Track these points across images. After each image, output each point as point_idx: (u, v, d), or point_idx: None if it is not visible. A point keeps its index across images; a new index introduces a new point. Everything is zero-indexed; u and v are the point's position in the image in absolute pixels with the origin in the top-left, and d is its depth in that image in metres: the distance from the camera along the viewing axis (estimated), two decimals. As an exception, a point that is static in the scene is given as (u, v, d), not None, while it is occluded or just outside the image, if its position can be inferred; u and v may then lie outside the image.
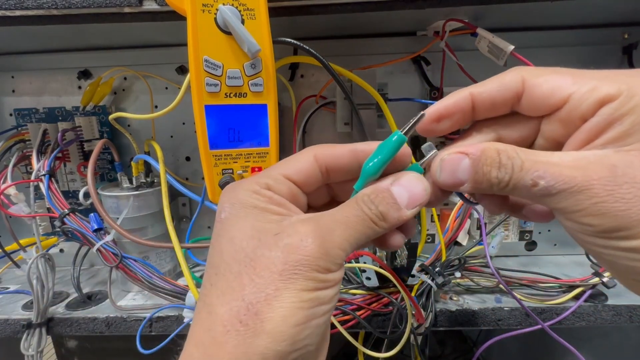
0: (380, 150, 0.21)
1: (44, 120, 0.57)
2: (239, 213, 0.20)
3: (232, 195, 0.20)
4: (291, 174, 0.21)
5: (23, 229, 0.54)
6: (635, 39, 0.52)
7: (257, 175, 0.21)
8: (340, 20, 0.46)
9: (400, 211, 0.20)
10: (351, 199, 0.20)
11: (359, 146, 0.22)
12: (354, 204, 0.20)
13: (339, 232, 0.19)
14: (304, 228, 0.18)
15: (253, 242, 0.18)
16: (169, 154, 0.59)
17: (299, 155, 0.22)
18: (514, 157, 0.18)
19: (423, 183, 0.20)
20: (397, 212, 0.20)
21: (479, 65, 0.49)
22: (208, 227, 0.62)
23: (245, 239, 0.19)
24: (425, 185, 0.20)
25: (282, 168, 0.21)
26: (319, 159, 0.21)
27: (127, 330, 0.45)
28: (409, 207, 0.20)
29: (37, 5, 0.36)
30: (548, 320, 0.43)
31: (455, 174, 0.19)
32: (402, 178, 0.20)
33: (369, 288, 0.44)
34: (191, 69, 0.31)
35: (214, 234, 0.21)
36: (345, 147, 0.22)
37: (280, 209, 0.20)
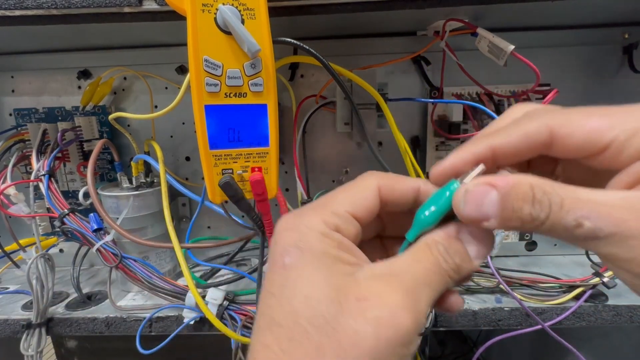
0: (436, 200, 0.19)
1: (44, 120, 0.57)
2: (308, 262, 0.17)
3: (298, 237, 0.18)
4: (357, 211, 0.19)
5: (23, 229, 0.54)
6: (635, 39, 0.52)
7: (321, 207, 0.19)
8: (340, 20, 0.46)
9: (471, 264, 0.18)
10: (424, 248, 0.19)
11: (423, 186, 0.21)
12: (430, 255, 0.18)
13: (424, 296, 0.17)
14: (390, 294, 0.17)
15: (334, 307, 0.16)
16: (168, 154, 0.59)
17: (362, 187, 0.20)
18: (550, 193, 0.16)
19: (490, 234, 0.19)
20: (469, 264, 0.18)
21: (479, 65, 0.49)
22: (208, 227, 0.62)
23: (323, 301, 0.16)
24: (492, 236, 0.19)
25: (347, 203, 0.19)
26: (382, 193, 0.20)
27: (126, 331, 0.45)
28: (476, 259, 0.19)
29: (37, 5, 0.36)
30: (548, 320, 0.43)
31: (481, 208, 0.17)
32: (469, 228, 0.19)
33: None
34: (191, 68, 0.31)
35: (275, 282, 0.18)
36: (408, 183, 0.21)
37: (350, 258, 0.18)
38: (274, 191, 0.36)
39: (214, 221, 0.62)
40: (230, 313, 0.43)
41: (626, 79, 0.54)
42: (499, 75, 0.53)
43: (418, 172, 0.49)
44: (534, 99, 0.52)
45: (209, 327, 0.44)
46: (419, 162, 0.55)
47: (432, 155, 0.56)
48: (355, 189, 0.20)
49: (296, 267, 0.17)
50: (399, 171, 0.47)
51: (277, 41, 0.34)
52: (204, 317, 0.42)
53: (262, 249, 0.38)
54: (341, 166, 0.59)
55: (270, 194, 0.35)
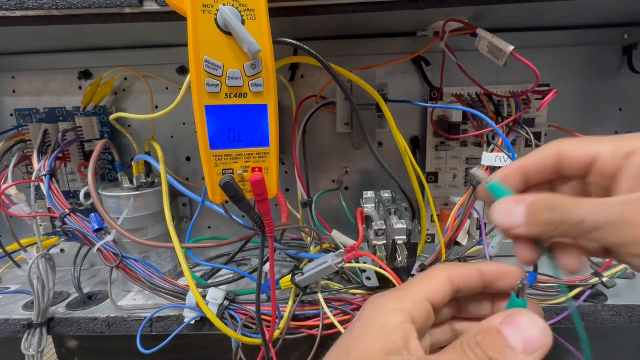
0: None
1: (45, 121, 0.57)
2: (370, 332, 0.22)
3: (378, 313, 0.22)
4: (431, 297, 0.23)
5: (23, 229, 0.54)
6: (635, 39, 0.52)
7: (402, 294, 0.23)
8: (340, 21, 0.46)
9: (516, 356, 0.18)
10: (457, 342, 0.20)
11: (483, 267, 0.24)
12: (460, 348, 0.19)
13: None
14: None
15: None
16: (169, 154, 0.59)
17: (434, 277, 0.24)
18: (562, 201, 0.20)
19: (539, 324, 0.19)
20: (512, 356, 0.18)
21: (478, 66, 0.49)
22: (208, 227, 0.62)
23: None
24: (542, 326, 0.19)
25: (423, 292, 0.23)
26: (452, 281, 0.23)
27: (127, 330, 0.45)
28: (526, 353, 0.18)
29: (37, 5, 0.36)
30: (548, 320, 0.43)
31: (511, 217, 0.21)
32: (513, 316, 0.20)
33: (369, 288, 0.44)
34: (191, 69, 0.31)
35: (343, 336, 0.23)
36: (472, 267, 0.24)
37: (400, 345, 0.21)
38: (274, 191, 0.36)
39: (214, 221, 0.62)
40: (230, 312, 0.43)
41: (625, 79, 0.54)
42: (498, 75, 0.53)
43: (417, 172, 0.49)
44: (533, 99, 0.52)
45: (209, 326, 0.44)
46: (419, 162, 0.55)
47: (432, 155, 0.56)
48: (429, 279, 0.24)
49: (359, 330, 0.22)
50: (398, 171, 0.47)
51: (277, 41, 0.34)
52: (204, 317, 0.43)
53: (262, 249, 0.38)
54: (341, 166, 0.59)
55: (271, 193, 0.35)
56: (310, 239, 0.51)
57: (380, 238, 0.42)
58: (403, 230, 0.39)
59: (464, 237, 0.50)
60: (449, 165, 0.56)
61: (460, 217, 0.47)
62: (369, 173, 0.59)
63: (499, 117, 0.50)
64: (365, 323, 0.22)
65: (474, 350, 0.19)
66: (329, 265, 0.39)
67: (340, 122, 0.52)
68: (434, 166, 0.56)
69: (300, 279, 0.41)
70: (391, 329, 0.21)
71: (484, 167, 0.46)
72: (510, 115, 0.49)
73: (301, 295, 0.44)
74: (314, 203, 0.52)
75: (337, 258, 0.39)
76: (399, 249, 0.40)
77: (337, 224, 0.54)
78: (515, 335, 0.19)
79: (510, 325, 0.19)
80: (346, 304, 0.44)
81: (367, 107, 0.48)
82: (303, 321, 0.43)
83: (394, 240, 0.40)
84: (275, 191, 0.36)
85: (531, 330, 0.19)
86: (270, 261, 0.38)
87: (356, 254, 0.39)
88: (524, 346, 0.18)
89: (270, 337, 0.40)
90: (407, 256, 0.40)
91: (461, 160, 0.56)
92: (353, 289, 0.45)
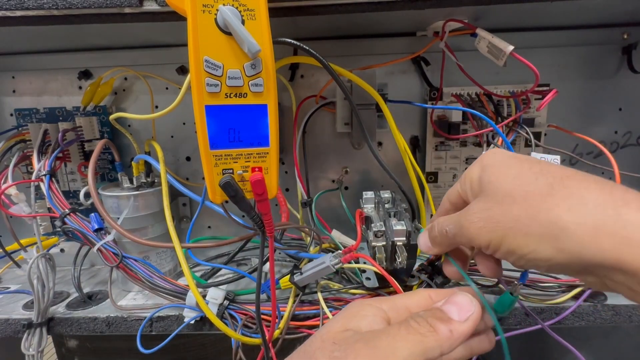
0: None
1: (45, 121, 0.57)
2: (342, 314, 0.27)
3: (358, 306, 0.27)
4: (414, 312, 0.26)
5: (24, 229, 0.54)
6: (634, 39, 0.52)
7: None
8: (340, 21, 0.46)
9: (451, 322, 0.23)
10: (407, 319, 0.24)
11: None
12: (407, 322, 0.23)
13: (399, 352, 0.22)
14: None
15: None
16: (169, 154, 0.59)
17: (418, 296, 0.28)
18: (440, 221, 0.28)
19: (468, 296, 0.25)
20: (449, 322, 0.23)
21: (478, 66, 0.49)
22: (208, 227, 0.62)
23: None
24: (472, 299, 0.25)
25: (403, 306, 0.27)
26: (433, 299, 0.28)
27: (127, 330, 0.45)
28: (460, 319, 0.24)
29: (37, 5, 0.36)
30: (548, 320, 0.43)
31: (424, 243, 0.31)
32: (451, 297, 0.26)
33: (369, 288, 0.44)
34: (191, 69, 0.31)
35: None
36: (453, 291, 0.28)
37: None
38: (274, 191, 0.36)
39: (214, 221, 0.62)
40: (230, 312, 0.43)
41: (625, 79, 0.54)
42: (498, 75, 0.53)
43: (417, 172, 0.49)
44: (533, 99, 0.52)
45: (209, 326, 0.44)
46: (419, 162, 0.55)
47: (432, 155, 0.56)
48: (412, 294, 0.29)
49: (334, 316, 0.27)
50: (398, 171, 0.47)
51: (277, 41, 0.34)
52: (204, 317, 0.43)
53: (262, 249, 0.38)
54: (341, 166, 0.59)
55: (271, 193, 0.35)
56: (310, 239, 0.51)
57: (379, 239, 0.42)
58: (402, 232, 0.39)
59: (464, 237, 0.50)
60: (449, 165, 0.56)
61: (460, 217, 0.47)
62: (369, 173, 0.59)
63: (499, 117, 0.50)
64: (341, 312, 0.26)
65: (418, 322, 0.23)
66: (326, 266, 0.39)
67: (340, 122, 0.52)
68: (434, 166, 0.56)
69: (299, 279, 0.41)
70: (362, 316, 0.25)
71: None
72: (510, 116, 0.49)
73: (301, 295, 0.44)
74: (314, 203, 0.52)
75: (335, 259, 0.39)
76: (399, 250, 0.40)
77: (337, 224, 0.54)
78: (451, 308, 0.24)
79: (448, 303, 0.25)
80: (346, 304, 0.44)
81: (367, 107, 0.48)
82: (303, 321, 0.43)
83: (394, 242, 0.40)
84: (275, 191, 0.36)
85: (463, 302, 0.25)
86: (270, 261, 0.38)
87: (354, 255, 0.39)
88: (458, 314, 0.24)
89: (270, 337, 0.40)
90: (406, 257, 0.40)
91: (461, 160, 0.56)
92: (353, 289, 0.45)
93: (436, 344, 0.22)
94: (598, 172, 0.56)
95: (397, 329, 0.23)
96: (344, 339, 0.23)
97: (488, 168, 0.25)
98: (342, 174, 0.59)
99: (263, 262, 0.39)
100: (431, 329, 0.23)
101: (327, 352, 0.23)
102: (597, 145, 0.46)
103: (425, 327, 0.23)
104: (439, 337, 0.22)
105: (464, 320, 0.24)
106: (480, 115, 0.46)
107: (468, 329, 0.24)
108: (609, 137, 0.56)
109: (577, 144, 0.56)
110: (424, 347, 0.22)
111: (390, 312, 0.26)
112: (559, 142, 0.51)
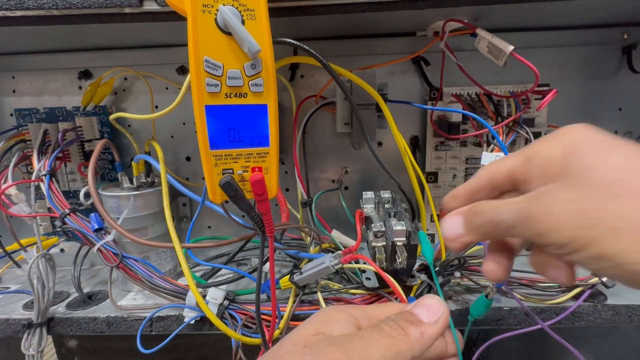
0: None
1: (45, 121, 0.57)
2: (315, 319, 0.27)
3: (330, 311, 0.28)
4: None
5: (24, 229, 0.54)
6: (635, 39, 0.52)
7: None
8: (340, 21, 0.46)
9: (422, 324, 0.24)
10: (379, 323, 0.24)
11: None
12: (378, 326, 0.24)
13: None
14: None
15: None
16: (169, 154, 0.59)
17: (392, 308, 0.28)
18: (485, 206, 0.23)
19: (437, 299, 0.25)
20: (419, 324, 0.24)
21: (478, 66, 0.49)
22: (208, 227, 0.62)
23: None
24: (440, 301, 0.25)
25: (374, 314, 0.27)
26: None
27: (127, 330, 0.45)
28: (430, 320, 0.24)
29: (37, 5, 0.36)
30: (547, 320, 0.43)
31: (454, 229, 0.24)
32: (421, 301, 0.26)
33: (369, 288, 0.44)
34: (191, 69, 0.31)
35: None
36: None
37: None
38: (274, 191, 0.36)
39: (214, 221, 0.62)
40: (230, 312, 0.43)
41: (625, 79, 0.54)
42: (498, 75, 0.53)
43: (417, 172, 0.49)
44: (533, 99, 0.52)
45: (209, 326, 0.44)
46: (419, 162, 0.55)
47: (432, 155, 0.56)
48: (386, 305, 0.29)
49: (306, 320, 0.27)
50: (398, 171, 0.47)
51: (277, 41, 0.34)
52: (204, 317, 0.43)
53: (262, 249, 0.38)
54: (341, 166, 0.59)
55: (271, 193, 0.35)
56: (310, 239, 0.51)
57: (379, 240, 0.42)
58: (402, 232, 0.39)
59: (464, 237, 0.50)
60: (448, 165, 0.56)
61: (460, 217, 0.46)
62: (369, 173, 0.59)
63: (499, 117, 0.50)
64: (313, 316, 0.26)
65: (390, 325, 0.23)
66: (326, 267, 0.39)
67: (340, 122, 0.52)
68: (433, 166, 0.56)
69: (299, 279, 0.41)
70: (334, 320, 0.25)
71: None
72: (510, 116, 0.49)
73: (301, 295, 0.44)
74: (314, 203, 0.52)
75: (334, 260, 0.39)
76: (399, 250, 0.40)
77: (337, 224, 0.54)
78: (421, 310, 0.25)
79: (418, 306, 0.25)
80: (346, 304, 0.44)
81: (367, 107, 0.48)
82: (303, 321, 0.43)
83: (394, 242, 0.40)
84: (275, 191, 0.36)
85: (432, 304, 0.25)
86: (270, 261, 0.38)
87: (353, 256, 0.39)
88: (428, 316, 0.24)
89: (270, 337, 0.40)
90: (406, 258, 0.40)
91: (461, 160, 0.56)
92: (353, 289, 0.45)
93: (407, 347, 0.23)
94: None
95: (369, 333, 0.23)
96: (316, 342, 0.23)
97: (581, 148, 0.20)
98: (342, 174, 0.59)
99: (263, 262, 0.39)
100: (402, 332, 0.23)
101: (298, 356, 0.22)
102: (597, 145, 0.46)
103: (397, 330, 0.23)
104: (410, 340, 0.23)
105: (433, 322, 0.24)
106: (477, 118, 0.46)
107: (438, 331, 0.24)
108: (609, 137, 0.56)
109: (577, 144, 0.56)
110: (396, 350, 0.22)
111: (361, 320, 0.26)
112: (559, 142, 0.51)
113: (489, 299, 0.31)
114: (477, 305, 0.37)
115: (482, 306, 0.35)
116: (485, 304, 0.32)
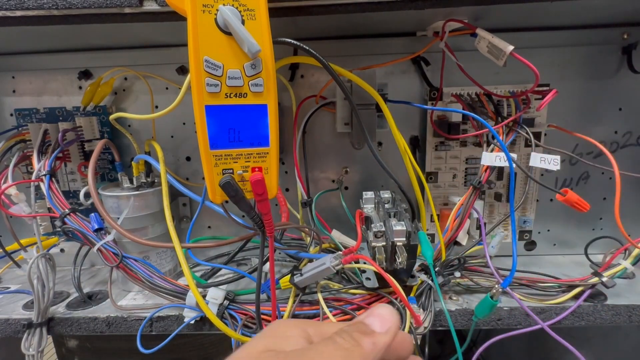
0: None
1: (45, 121, 0.57)
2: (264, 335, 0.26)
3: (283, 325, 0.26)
4: None
5: (24, 229, 0.54)
6: (635, 39, 0.52)
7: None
8: (340, 21, 0.46)
9: (374, 334, 0.24)
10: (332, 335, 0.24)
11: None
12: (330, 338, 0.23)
13: None
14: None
15: None
16: (169, 154, 0.59)
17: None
18: None
19: (388, 307, 0.25)
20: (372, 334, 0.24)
21: (478, 66, 0.49)
22: (208, 227, 0.62)
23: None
24: (392, 310, 0.25)
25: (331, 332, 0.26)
26: None
27: (127, 330, 0.45)
28: (382, 330, 0.24)
29: (37, 5, 0.36)
30: (548, 320, 0.43)
31: None
32: (373, 310, 0.26)
33: (369, 288, 0.44)
34: (191, 69, 0.31)
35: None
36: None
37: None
38: (274, 191, 0.36)
39: (214, 221, 0.62)
40: (230, 312, 0.43)
41: (625, 79, 0.54)
42: (498, 75, 0.53)
43: (417, 172, 0.49)
44: (533, 99, 0.52)
45: (209, 326, 0.44)
46: (419, 162, 0.55)
47: (432, 155, 0.56)
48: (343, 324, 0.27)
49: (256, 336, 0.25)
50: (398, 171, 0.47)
51: (277, 41, 0.34)
52: (204, 317, 0.43)
53: (262, 249, 0.38)
54: (341, 166, 0.59)
55: (271, 193, 0.35)
56: (310, 239, 0.51)
57: (379, 240, 0.42)
58: (402, 232, 0.39)
59: (464, 237, 0.50)
60: (448, 165, 0.56)
61: (460, 217, 0.47)
62: (369, 173, 0.59)
63: (498, 117, 0.50)
64: (263, 332, 0.25)
65: (343, 337, 0.23)
66: (327, 268, 0.39)
67: (340, 122, 0.52)
68: (433, 166, 0.56)
69: (299, 280, 0.41)
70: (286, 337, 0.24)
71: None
72: (510, 115, 0.49)
73: (301, 295, 0.44)
74: (314, 203, 0.52)
75: (335, 260, 0.39)
76: (399, 250, 0.40)
77: (337, 224, 0.54)
78: (374, 320, 0.25)
79: (370, 316, 0.25)
80: (346, 304, 0.44)
81: (367, 107, 0.48)
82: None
83: (394, 242, 0.40)
84: (275, 191, 0.36)
85: (383, 313, 0.25)
86: (270, 261, 0.38)
87: (354, 257, 0.39)
88: (380, 326, 0.24)
89: (270, 337, 0.40)
90: (406, 258, 0.40)
91: (461, 160, 0.56)
92: (353, 289, 0.45)
93: (361, 358, 0.23)
94: (598, 172, 0.56)
95: (323, 346, 0.23)
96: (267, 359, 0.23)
97: None
98: (342, 174, 0.59)
99: (263, 262, 0.39)
100: (355, 344, 0.23)
101: None
102: (597, 146, 0.46)
103: (349, 341, 0.23)
104: (364, 351, 0.23)
105: (385, 331, 0.24)
106: (477, 118, 0.46)
107: (389, 339, 0.24)
108: (609, 137, 0.56)
109: (577, 144, 0.56)
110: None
111: (315, 337, 0.26)
112: (559, 142, 0.51)
113: (494, 300, 0.31)
114: (482, 306, 0.37)
115: (487, 307, 0.34)
116: (490, 304, 0.32)
